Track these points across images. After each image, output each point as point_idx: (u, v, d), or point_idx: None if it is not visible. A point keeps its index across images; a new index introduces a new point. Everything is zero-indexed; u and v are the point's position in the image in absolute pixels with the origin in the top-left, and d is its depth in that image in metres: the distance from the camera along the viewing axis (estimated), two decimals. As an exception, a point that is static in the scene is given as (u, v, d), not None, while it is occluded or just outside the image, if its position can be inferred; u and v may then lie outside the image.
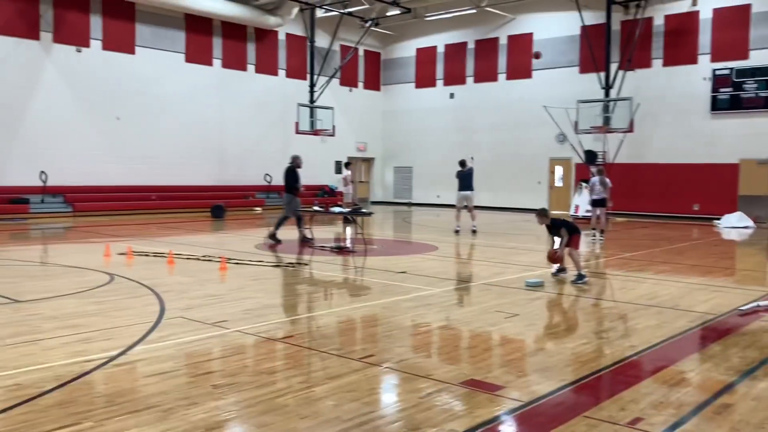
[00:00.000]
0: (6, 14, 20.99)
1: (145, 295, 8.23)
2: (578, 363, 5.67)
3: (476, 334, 6.74)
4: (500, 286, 9.39)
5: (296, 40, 29.19)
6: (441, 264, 12.07)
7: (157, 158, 24.77)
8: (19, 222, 19.55)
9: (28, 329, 6.45)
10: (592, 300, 8.78)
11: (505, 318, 7.34)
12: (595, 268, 11.87)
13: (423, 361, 5.71)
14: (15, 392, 4.65)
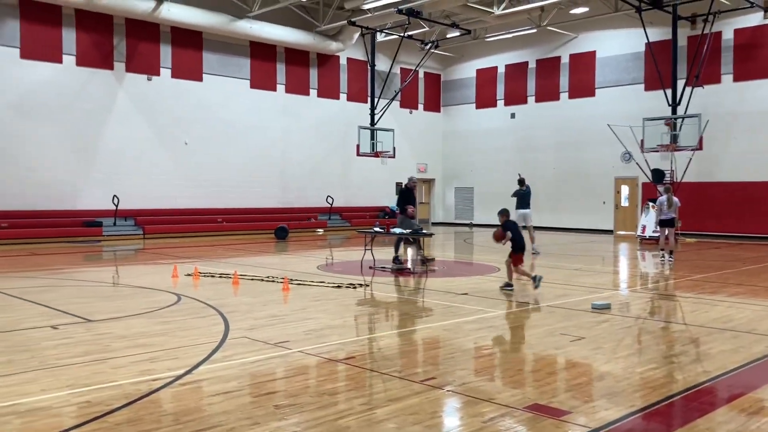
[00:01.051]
0: (83, 46, 22.04)
1: (211, 315, 8.39)
2: (648, 388, 5.45)
3: (540, 357, 6.58)
4: (565, 309, 9.17)
5: (357, 64, 29.60)
6: (503, 285, 11.88)
7: (223, 181, 25.41)
8: (93, 244, 20.32)
9: (99, 348, 6.66)
10: (662, 323, 8.47)
11: (571, 341, 7.15)
12: (664, 290, 11.47)
13: (486, 384, 5.60)
14: (86, 409, 4.79)
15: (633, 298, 10.28)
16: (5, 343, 6.82)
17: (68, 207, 21.79)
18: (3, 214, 20.32)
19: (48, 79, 21.38)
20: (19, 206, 20.80)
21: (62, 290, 10.74)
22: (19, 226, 20.31)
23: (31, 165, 21.00)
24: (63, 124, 21.64)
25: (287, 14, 25.82)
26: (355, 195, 29.73)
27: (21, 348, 6.60)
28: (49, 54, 21.37)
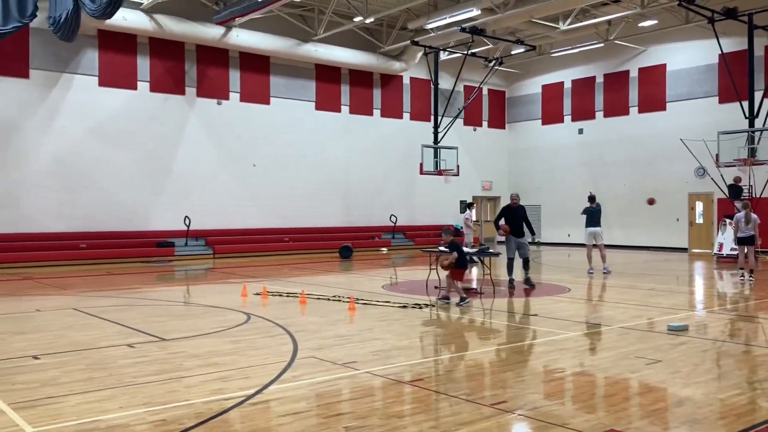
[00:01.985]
0: (156, 73, 22.92)
1: (279, 335, 8.49)
2: (731, 416, 5.19)
3: (615, 381, 6.37)
4: (639, 330, 8.86)
5: (420, 83, 29.72)
6: (574, 306, 11.59)
7: (289, 201, 25.85)
8: (166, 264, 20.94)
9: (173, 367, 6.82)
10: (743, 346, 8.07)
11: (646, 364, 6.90)
12: (744, 311, 10.96)
13: (558, 408, 5.45)
14: (161, 427, 4.90)
15: (711, 320, 9.86)
16: (86, 360, 7.07)
17: (142, 228, 22.56)
18: (82, 236, 21.20)
19: (124, 105, 22.29)
20: (97, 227, 21.67)
21: (137, 309, 11.09)
22: (97, 246, 21.14)
23: (108, 187, 21.88)
24: (138, 147, 22.49)
25: (351, 36, 26.21)
26: (418, 214, 29.72)
27: (100, 366, 6.82)
28: (125, 81, 22.30)
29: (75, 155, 21.30)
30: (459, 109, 28.74)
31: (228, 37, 23.12)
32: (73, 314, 10.45)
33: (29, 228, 20.46)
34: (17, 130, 20.40)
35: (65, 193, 21.14)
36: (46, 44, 20.63)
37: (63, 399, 5.63)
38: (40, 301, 12.15)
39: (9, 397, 5.66)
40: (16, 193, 20.35)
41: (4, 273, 17.77)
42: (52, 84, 21.01)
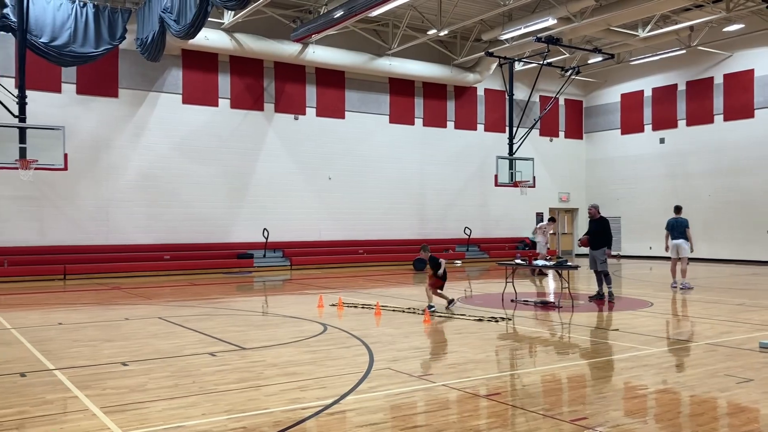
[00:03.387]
0: (237, 90, 23.67)
1: (355, 346, 8.56)
2: (833, 441, 4.88)
3: (702, 400, 6.10)
4: (728, 347, 8.47)
5: (494, 95, 29.50)
6: (657, 321, 11.19)
7: (363, 214, 26.10)
8: (245, 275, 21.49)
9: (253, 375, 6.98)
10: None
11: (737, 383, 6.58)
12: None
13: (642, 427, 5.27)
14: (242, 434, 5.03)
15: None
16: (171, 368, 7.33)
17: (223, 240, 23.26)
18: (166, 247, 22.04)
19: (206, 122, 23.11)
20: (181, 240, 22.48)
21: (218, 319, 11.42)
22: (180, 258, 21.92)
23: (191, 201, 22.70)
24: (218, 162, 23.25)
25: (425, 49, 26.32)
26: (493, 226, 29.41)
27: (184, 373, 7.06)
28: (206, 98, 23.13)
29: (160, 170, 22.22)
30: (535, 119, 28.38)
31: (305, 54, 23.65)
32: (158, 323, 10.86)
33: (118, 240, 21.44)
34: (108, 147, 21.46)
35: (151, 206, 22.06)
36: (134, 65, 21.66)
37: (150, 404, 5.85)
38: (128, 310, 12.69)
39: (100, 401, 5.93)
40: (106, 207, 21.38)
41: (95, 283, 18.66)
42: (139, 102, 22.02)
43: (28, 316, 11.93)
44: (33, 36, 18.49)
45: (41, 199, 20.32)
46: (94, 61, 19.95)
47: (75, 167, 19.72)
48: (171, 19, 17.96)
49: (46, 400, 6.03)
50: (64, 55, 19.22)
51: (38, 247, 20.21)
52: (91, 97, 21.21)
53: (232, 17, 21.29)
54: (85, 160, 20.79)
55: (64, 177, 19.95)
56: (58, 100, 20.60)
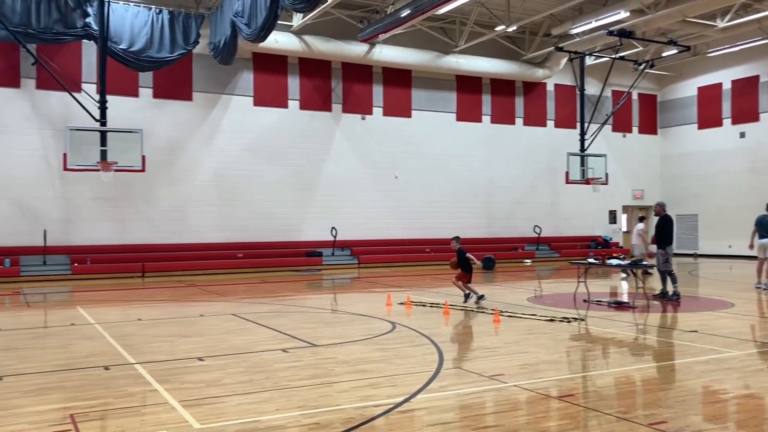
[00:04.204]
0: (305, 91, 24.03)
1: (424, 344, 8.56)
2: None
3: (791, 406, 5.81)
4: (818, 352, 8.03)
5: (565, 90, 28.91)
6: (739, 323, 10.72)
7: (430, 213, 26.05)
8: (315, 273, 21.80)
9: (324, 372, 7.07)
10: None
11: (828, 390, 6.23)
12: None
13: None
14: (314, 431, 5.10)
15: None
16: (245, 363, 7.51)
17: (293, 239, 23.66)
18: (239, 246, 22.59)
19: (276, 123, 23.56)
20: (252, 238, 23.00)
21: (290, 316, 11.62)
22: (252, 256, 22.43)
23: (262, 201, 23.19)
24: (288, 163, 23.67)
25: (492, 46, 26.04)
26: (564, 224, 28.84)
27: (258, 369, 7.22)
28: (276, 100, 23.57)
29: (232, 171, 22.79)
30: (607, 114, 27.69)
31: (371, 54, 23.78)
32: (232, 319, 11.14)
33: (193, 239, 22.11)
34: (182, 149, 22.15)
35: (223, 206, 22.65)
36: (207, 68, 22.28)
37: (225, 399, 6.01)
38: (203, 307, 13.07)
39: (178, 395, 6.12)
40: (181, 207, 22.08)
41: (172, 280, 19.31)
42: (212, 105, 22.64)
43: (109, 312, 12.45)
44: (113, 43, 19.28)
45: (120, 200, 21.15)
46: (169, 65, 20.65)
47: (152, 169, 20.44)
48: (242, 23, 18.39)
49: (128, 393, 6.27)
50: (142, 60, 19.97)
51: (118, 245, 21.06)
52: (166, 101, 21.94)
53: (301, 19, 21.62)
54: (162, 161, 21.52)
55: (142, 178, 20.71)
56: (136, 104, 21.39)
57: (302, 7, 16.99)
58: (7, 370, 7.25)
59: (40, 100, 20.28)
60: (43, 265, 19.91)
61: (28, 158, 20.12)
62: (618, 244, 29.54)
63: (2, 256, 19.43)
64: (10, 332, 10.07)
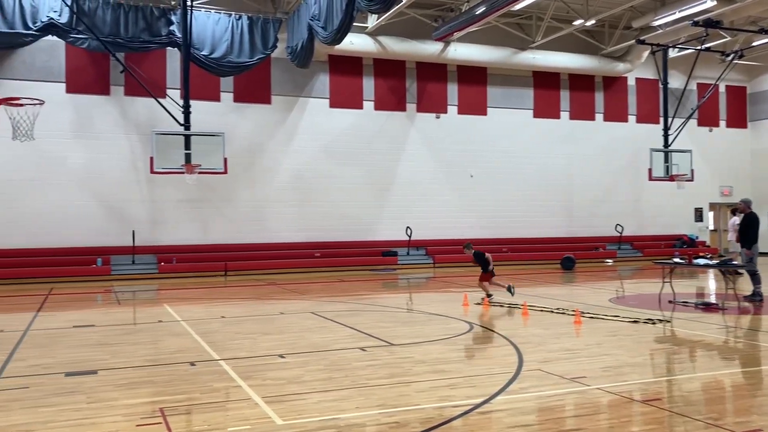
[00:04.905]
0: (380, 92, 24.17)
1: (503, 345, 8.45)
2: None
3: None
4: None
5: (647, 84, 27.95)
6: (840, 327, 10.09)
7: (506, 212, 25.71)
8: (390, 272, 21.90)
9: (402, 371, 7.09)
10: None
11: None
12: None
13: (827, 444, 4.77)
14: (394, 430, 5.12)
15: None
16: (324, 361, 7.62)
17: (368, 238, 23.85)
18: (316, 245, 22.96)
19: (351, 124, 23.81)
20: (329, 238, 23.32)
21: (366, 315, 11.72)
22: (329, 255, 22.75)
23: (338, 201, 23.48)
24: (363, 163, 23.87)
25: (571, 40, 25.45)
26: (647, 223, 27.87)
27: (336, 367, 7.32)
28: (352, 102, 23.82)
29: (309, 172, 23.18)
30: (692, 108, 26.60)
31: (446, 52, 23.69)
32: (311, 317, 11.33)
33: (272, 238, 22.62)
34: (261, 151, 22.70)
35: (301, 206, 23.08)
36: (285, 72, 22.74)
37: (306, 396, 6.12)
38: (282, 305, 13.36)
39: (261, 391, 6.28)
40: (261, 208, 22.63)
41: (252, 279, 19.82)
42: (289, 108, 23.10)
43: (194, 310, 12.89)
44: (195, 49, 19.96)
45: (203, 201, 21.87)
46: (249, 70, 21.20)
47: (233, 170, 21.00)
48: (319, 26, 18.67)
49: (213, 388, 6.48)
50: (223, 65, 20.59)
51: (201, 245, 21.78)
52: (246, 105, 22.53)
53: (376, 20, 21.76)
54: (242, 163, 22.10)
55: (223, 180, 21.33)
56: (218, 108, 22.06)
57: (377, 8, 17.09)
58: (102, 365, 7.63)
59: (128, 106, 21.22)
60: (132, 264, 20.82)
61: (118, 162, 21.09)
62: (705, 243, 28.33)
63: (95, 255, 20.44)
64: (104, 328, 10.58)
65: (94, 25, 18.92)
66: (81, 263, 20.10)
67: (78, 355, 8.32)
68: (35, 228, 20.14)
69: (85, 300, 15.36)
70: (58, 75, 20.55)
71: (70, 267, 19.69)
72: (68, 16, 18.79)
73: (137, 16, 19.74)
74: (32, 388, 6.56)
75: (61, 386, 6.63)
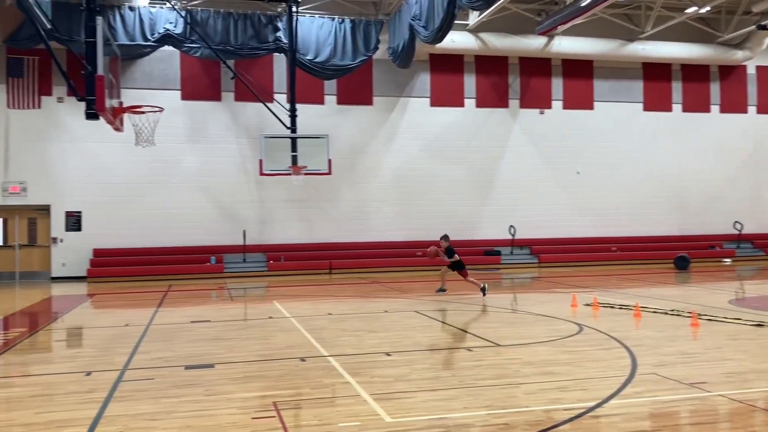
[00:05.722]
0: (482, 89, 23.91)
1: (615, 348, 8.16)
2: None
3: None
4: None
5: (769, 72, 26.20)
6: None
7: (615, 209, 24.80)
8: (493, 272, 21.64)
9: (510, 372, 6.99)
10: None
11: None
12: None
13: None
14: (504, 431, 5.05)
15: None
16: (430, 360, 7.64)
17: (471, 237, 23.65)
18: (417, 244, 22.97)
19: (452, 122, 23.71)
20: (430, 237, 23.08)
21: (470, 315, 11.64)
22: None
23: (439, 200, 23.44)
24: (465, 161, 23.72)
25: (683, 29, 24.20)
26: (770, 220, 26.11)
27: (443, 366, 7.32)
28: (453, 100, 23.72)
29: (410, 171, 23.30)
30: (820, 97, 24.69)
31: (550, 46, 23.14)
32: (415, 316, 11.38)
33: (374, 237, 22.91)
34: (364, 152, 23.03)
35: (402, 205, 23.23)
36: (386, 73, 22.96)
37: (413, 394, 6.15)
38: (386, 303, 13.50)
39: (369, 388, 6.36)
40: (363, 207, 22.97)
41: (355, 277, 20.15)
42: (390, 108, 23.30)
43: (301, 307, 13.25)
44: (300, 54, 20.53)
45: (308, 201, 22.44)
46: (351, 72, 21.58)
47: (336, 171, 21.43)
48: (420, 26, 18.74)
49: (323, 384, 6.63)
50: (327, 68, 21.08)
51: (306, 244, 22.37)
52: (349, 107, 22.93)
53: (477, 17, 21.56)
54: (345, 164, 22.50)
55: (328, 180, 21.80)
56: (322, 111, 22.57)
57: (479, 5, 16.96)
58: (218, 359, 7.98)
59: (238, 111, 22.09)
60: (243, 262, 21.68)
61: (229, 165, 22.01)
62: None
63: (209, 254, 21.44)
64: (218, 324, 11.07)
65: (206, 34, 19.85)
66: (197, 261, 21.15)
67: (196, 349, 8.75)
68: (154, 228, 21.35)
69: (201, 296, 16.14)
70: (174, 83, 21.69)
71: (186, 265, 20.75)
72: (183, 27, 19.81)
73: (246, 23, 20.53)
74: (156, 379, 6.96)
75: (182, 378, 6.99)
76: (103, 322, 12.16)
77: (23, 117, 20.64)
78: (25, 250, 21.12)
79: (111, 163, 21.05)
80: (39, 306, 14.62)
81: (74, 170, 20.93)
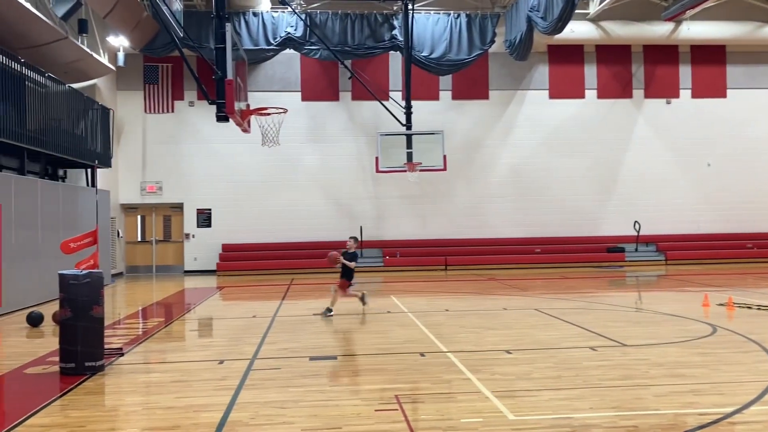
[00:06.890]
0: (603, 79, 23.05)
1: (754, 351, 7.65)
2: None
3: None
4: None
5: None
6: None
7: (750, 203, 23.17)
8: (616, 269, 20.83)
9: (637, 373, 6.72)
10: None
11: None
12: None
13: None
14: (634, 433, 4.88)
15: None
16: (553, 359, 7.47)
17: (592, 233, 22.89)
18: (536, 241, 22.57)
19: (572, 115, 23.01)
20: (549, 233, 22.79)
21: (594, 313, 11.27)
22: (550, 251, 22.23)
23: (558, 195, 22.84)
24: (585, 154, 22.95)
25: (830, 6, 22.22)
26: None
27: (566, 365, 7.13)
28: (573, 91, 23.02)
29: (527, 165, 22.85)
30: None
31: (677, 32, 21.93)
32: (535, 314, 11.17)
33: (490, 234, 22.66)
34: (479, 147, 22.83)
35: (519, 201, 22.82)
36: (502, 66, 22.64)
37: (537, 393, 6.04)
38: (505, 301, 13.33)
39: (490, 386, 6.32)
40: (479, 203, 22.77)
41: (472, 273, 20.03)
42: (507, 102, 22.94)
43: (418, 302, 13.35)
44: (416, 51, 20.64)
45: (422, 197, 22.53)
46: (467, 67, 21.43)
47: (451, 167, 21.36)
48: (538, 17, 18.32)
49: (443, 380, 6.65)
50: (442, 64, 21.06)
51: (421, 240, 22.48)
52: (464, 101, 22.80)
53: (598, 5, 20.78)
54: (460, 160, 22.39)
55: (442, 176, 21.78)
56: (437, 107, 22.59)
57: (600, -8, 16.33)
58: (340, 351, 8.20)
59: (355, 110, 22.54)
60: (360, 257, 21.99)
61: (346, 162, 22.50)
62: None
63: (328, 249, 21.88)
64: (339, 317, 11.35)
65: (324, 36, 20.38)
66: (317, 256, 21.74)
67: (319, 341, 9.03)
68: (277, 225, 22.20)
69: (321, 290, 16.61)
70: (294, 85, 22.44)
71: (307, 260, 21.43)
72: (302, 30, 20.45)
73: (362, 23, 20.90)
74: (283, 369, 7.25)
75: (307, 369, 7.24)
76: (233, 314, 12.81)
77: (158, 120, 22.10)
78: (161, 245, 22.61)
79: (238, 163, 22.10)
80: (173, 298, 15.60)
81: (204, 170, 22.16)
